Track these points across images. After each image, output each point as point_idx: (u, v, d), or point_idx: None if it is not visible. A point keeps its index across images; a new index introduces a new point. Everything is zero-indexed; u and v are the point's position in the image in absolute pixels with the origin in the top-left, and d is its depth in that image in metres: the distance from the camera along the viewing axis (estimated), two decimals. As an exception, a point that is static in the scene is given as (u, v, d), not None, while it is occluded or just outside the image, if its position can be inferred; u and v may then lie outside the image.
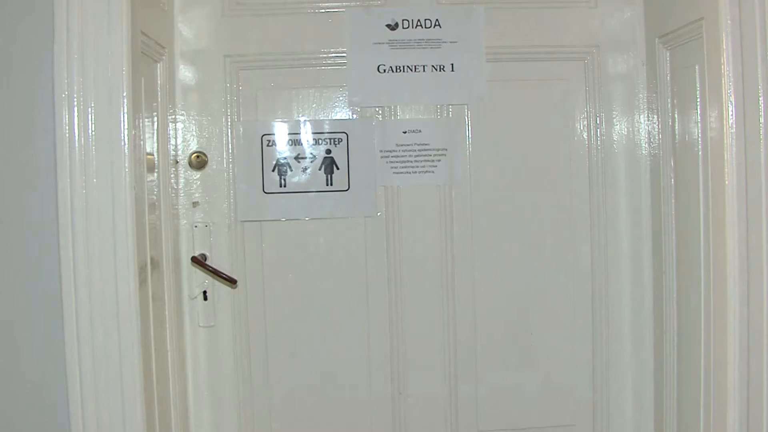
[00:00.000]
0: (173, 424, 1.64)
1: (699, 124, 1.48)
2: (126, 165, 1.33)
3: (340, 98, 1.88)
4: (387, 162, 1.88)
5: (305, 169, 1.87)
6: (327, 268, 1.88)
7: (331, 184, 1.88)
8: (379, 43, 1.86)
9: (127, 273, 1.33)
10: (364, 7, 1.85)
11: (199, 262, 1.80)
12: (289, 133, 1.87)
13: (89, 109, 1.32)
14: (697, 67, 1.47)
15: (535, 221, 1.88)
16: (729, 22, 1.34)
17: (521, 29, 1.84)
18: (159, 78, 1.60)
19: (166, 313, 1.60)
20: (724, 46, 1.34)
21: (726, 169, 1.34)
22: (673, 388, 1.69)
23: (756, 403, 1.33)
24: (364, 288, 1.89)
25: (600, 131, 1.87)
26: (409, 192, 1.88)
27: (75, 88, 1.31)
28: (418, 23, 1.85)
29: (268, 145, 1.87)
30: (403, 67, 1.86)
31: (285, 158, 1.87)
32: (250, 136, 1.86)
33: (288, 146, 1.87)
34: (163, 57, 1.61)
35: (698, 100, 1.48)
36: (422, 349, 1.90)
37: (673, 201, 1.66)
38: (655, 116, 1.76)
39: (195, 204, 1.85)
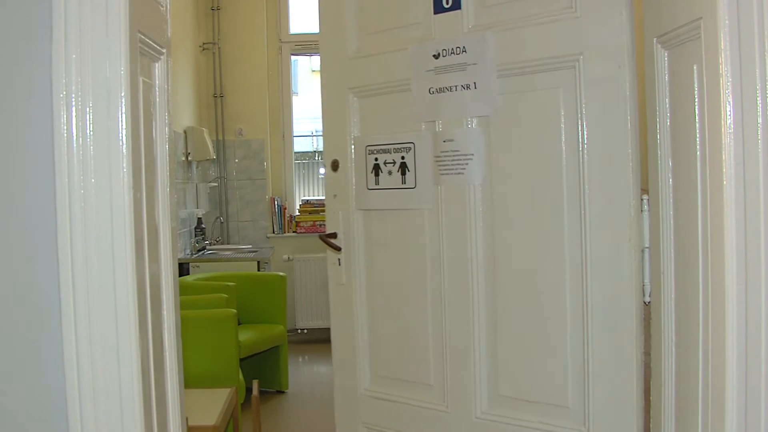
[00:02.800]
0: (170, 421, 1.64)
1: (697, 124, 1.48)
2: (124, 165, 1.33)
3: (411, 116, 2.33)
4: (437, 166, 2.27)
5: (389, 171, 2.38)
6: (404, 245, 2.39)
7: (405, 183, 2.36)
8: (429, 71, 2.25)
9: (125, 274, 1.33)
10: (421, 43, 2.26)
11: (322, 237, 2.55)
12: (380, 144, 2.40)
13: (87, 109, 1.32)
14: (695, 67, 1.47)
15: (540, 216, 2.07)
16: (727, 21, 1.34)
17: (521, 46, 2.05)
18: (157, 78, 1.60)
19: (164, 313, 1.60)
20: (722, 46, 1.34)
21: (724, 170, 1.34)
22: (670, 388, 1.69)
23: (754, 396, 1.33)
24: (425, 263, 2.33)
25: (587, 133, 1.96)
26: (450, 190, 2.25)
27: (73, 88, 1.31)
28: (452, 51, 2.20)
29: (369, 154, 2.44)
30: (443, 88, 2.23)
31: (378, 163, 2.41)
32: (359, 147, 2.46)
33: (380, 154, 2.41)
34: (161, 57, 1.61)
35: (696, 100, 1.48)
36: (457, 317, 2.25)
37: (671, 201, 1.67)
38: (653, 116, 1.76)
39: (335, 196, 2.54)
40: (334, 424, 2.62)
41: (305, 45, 7.06)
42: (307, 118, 7.39)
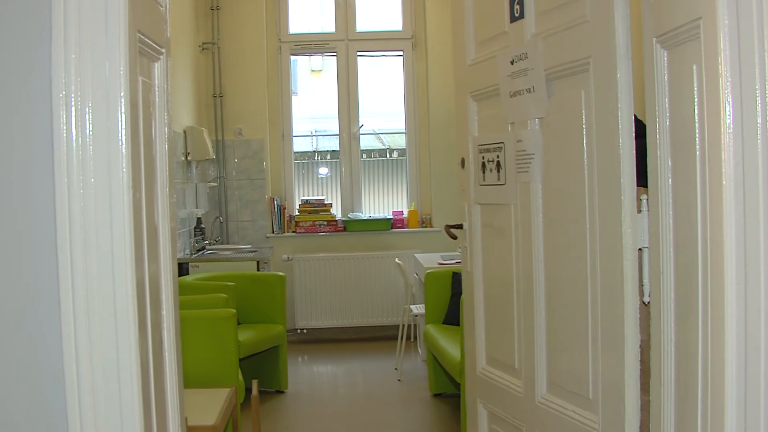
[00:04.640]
0: (170, 421, 1.64)
1: (696, 124, 1.48)
2: (124, 165, 1.33)
3: (502, 118, 2.49)
4: (516, 164, 2.42)
5: (491, 169, 2.59)
6: (502, 238, 2.57)
7: (498, 180, 2.55)
8: (508, 76, 2.41)
9: (125, 274, 1.33)
10: (504, 51, 2.44)
11: (445, 227, 2.94)
12: (484, 144, 2.62)
13: (87, 109, 1.32)
14: (694, 67, 1.47)
15: (571, 216, 2.20)
16: (727, 21, 1.34)
17: (558, 51, 2.19)
18: (156, 78, 1.60)
19: (164, 312, 1.60)
20: (722, 46, 1.34)
21: (723, 169, 1.35)
22: (670, 387, 1.69)
23: (753, 395, 1.33)
24: (512, 247, 2.51)
25: (596, 133, 2.03)
26: (522, 186, 2.41)
27: (72, 88, 1.31)
28: (520, 57, 2.35)
29: (479, 152, 2.65)
30: (516, 92, 2.38)
31: (483, 161, 2.62)
32: (474, 146, 2.70)
33: (485, 153, 2.61)
34: (160, 57, 1.61)
35: (696, 100, 1.48)
36: (527, 308, 2.41)
37: (670, 201, 1.66)
38: (652, 116, 1.76)
39: (463, 191, 2.79)
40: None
41: (305, 45, 7.05)
42: (306, 118, 7.37)
